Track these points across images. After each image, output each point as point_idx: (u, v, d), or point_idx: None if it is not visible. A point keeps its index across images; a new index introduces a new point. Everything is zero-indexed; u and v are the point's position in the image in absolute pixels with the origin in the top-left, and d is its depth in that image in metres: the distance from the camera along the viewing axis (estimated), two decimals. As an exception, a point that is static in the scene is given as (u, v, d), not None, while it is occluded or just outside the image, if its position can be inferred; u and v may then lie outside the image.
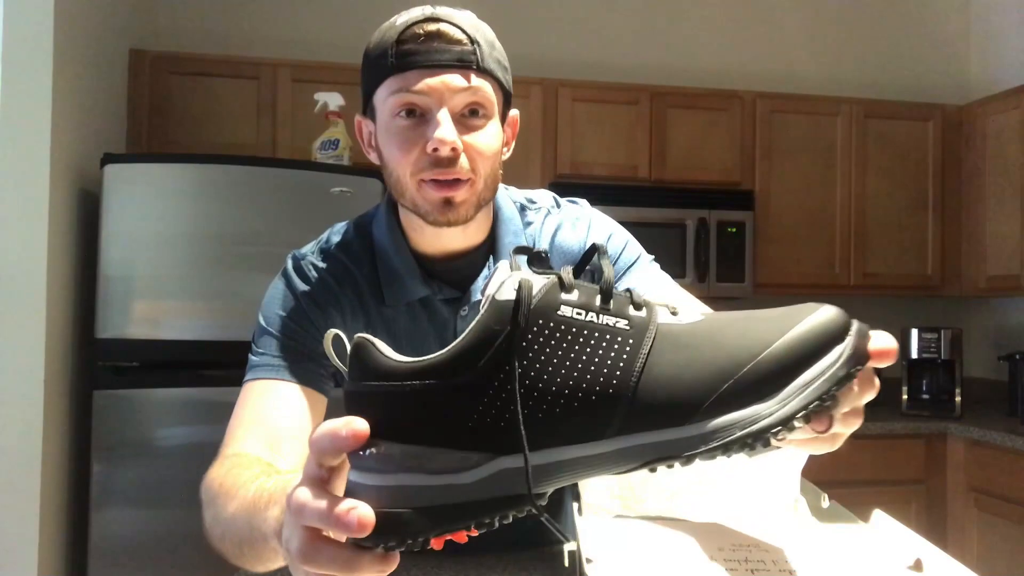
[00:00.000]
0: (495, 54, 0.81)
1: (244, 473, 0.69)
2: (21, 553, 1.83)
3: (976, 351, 3.23)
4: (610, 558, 0.63)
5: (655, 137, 2.81)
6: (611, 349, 0.45)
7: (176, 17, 2.81)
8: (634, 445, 0.45)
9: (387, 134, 0.80)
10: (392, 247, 0.88)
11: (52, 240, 1.89)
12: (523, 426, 0.44)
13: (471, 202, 0.80)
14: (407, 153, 0.78)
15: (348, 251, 0.90)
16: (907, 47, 3.35)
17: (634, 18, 3.16)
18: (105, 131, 2.29)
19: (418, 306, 0.88)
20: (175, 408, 2.01)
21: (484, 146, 0.80)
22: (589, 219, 0.97)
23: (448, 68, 0.76)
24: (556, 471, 0.45)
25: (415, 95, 0.76)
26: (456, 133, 0.76)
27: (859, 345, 0.49)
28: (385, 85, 0.78)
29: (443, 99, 0.76)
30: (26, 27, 1.85)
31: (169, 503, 1.96)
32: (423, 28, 0.76)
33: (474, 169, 0.79)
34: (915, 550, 0.61)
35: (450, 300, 0.88)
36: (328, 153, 2.29)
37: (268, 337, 0.87)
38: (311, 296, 0.87)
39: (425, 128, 0.77)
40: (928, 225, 3.00)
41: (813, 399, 0.46)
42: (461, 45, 0.77)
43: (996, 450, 2.44)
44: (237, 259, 2.05)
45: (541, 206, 0.96)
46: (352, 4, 2.95)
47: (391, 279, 0.87)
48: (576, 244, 0.94)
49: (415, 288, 0.87)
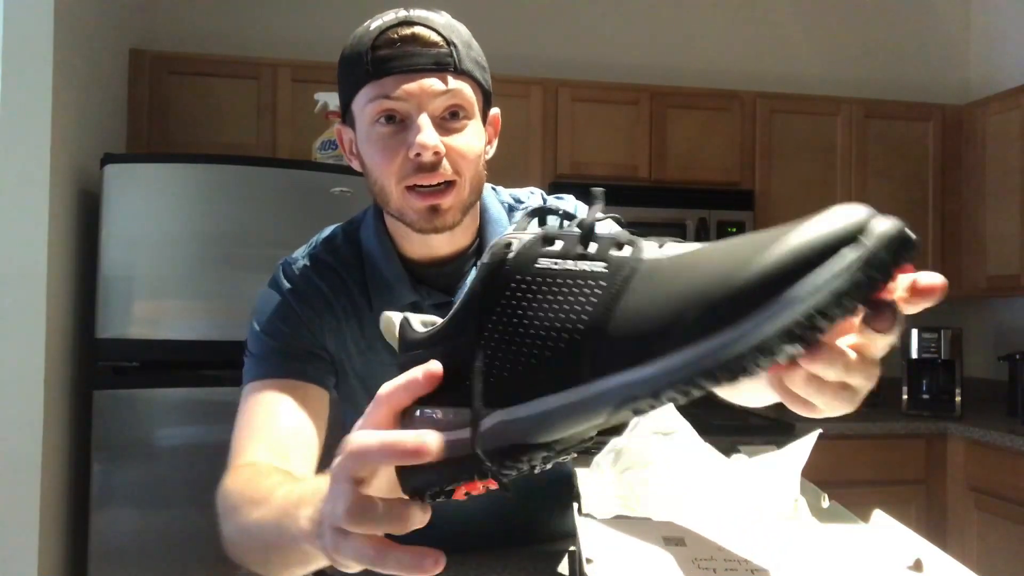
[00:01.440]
0: (472, 54, 0.80)
1: (266, 481, 0.69)
2: (21, 553, 1.83)
3: (976, 351, 3.23)
4: (610, 558, 0.63)
5: (655, 137, 2.81)
6: (582, 292, 0.44)
7: (176, 17, 2.81)
8: (609, 387, 0.43)
9: (368, 142, 0.79)
10: (380, 253, 0.88)
11: (52, 240, 1.89)
12: (481, 381, 0.45)
13: (457, 207, 0.80)
14: (390, 161, 0.77)
15: (338, 257, 0.90)
16: (907, 47, 3.35)
17: (634, 18, 3.16)
18: (105, 131, 2.29)
19: (408, 311, 0.88)
20: (175, 408, 2.01)
21: (466, 147, 0.79)
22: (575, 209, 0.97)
23: (425, 72, 0.76)
24: (545, 423, 0.44)
25: (394, 101, 0.76)
26: (437, 136, 0.76)
27: (878, 251, 0.39)
28: (363, 92, 0.78)
29: (422, 104, 0.76)
30: (26, 27, 1.85)
31: (169, 503, 1.96)
32: (398, 32, 0.76)
33: (457, 171, 0.78)
34: (915, 550, 0.61)
35: (439, 305, 0.87)
36: (328, 153, 2.29)
37: (262, 343, 0.87)
38: (304, 301, 0.88)
39: (406, 134, 0.77)
40: (928, 225, 3.00)
41: (801, 315, 0.37)
42: (437, 48, 0.77)
43: (996, 450, 2.44)
44: (237, 259, 2.05)
45: (530, 205, 0.96)
46: (352, 4, 2.95)
47: (379, 286, 0.88)
48: None
49: (403, 295, 0.87)
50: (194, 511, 1.98)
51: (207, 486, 2.15)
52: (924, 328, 2.83)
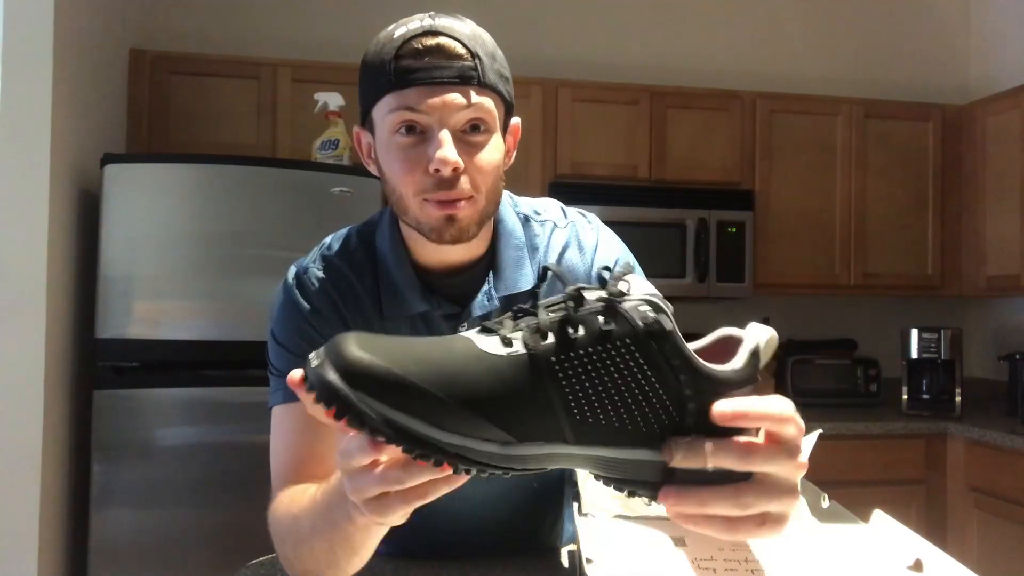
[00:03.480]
0: (496, 66, 0.80)
1: (306, 493, 0.74)
2: (21, 553, 1.83)
3: (976, 351, 3.23)
4: (610, 558, 0.63)
5: (655, 137, 2.81)
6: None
7: (176, 17, 2.81)
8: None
9: (387, 151, 0.79)
10: (393, 259, 0.87)
11: (52, 240, 1.89)
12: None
13: (473, 219, 0.79)
14: (409, 173, 0.77)
15: (351, 261, 0.89)
16: (907, 47, 3.35)
17: (634, 18, 3.16)
18: (105, 131, 2.29)
19: (419, 320, 0.88)
20: (175, 408, 2.01)
21: (486, 163, 0.79)
22: (596, 240, 0.94)
23: (449, 85, 0.75)
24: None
25: (415, 113, 0.75)
26: (457, 152, 0.75)
27: None
28: (385, 101, 0.77)
29: (444, 118, 0.75)
30: (26, 27, 1.85)
31: (169, 503, 1.96)
32: (422, 43, 0.75)
33: (476, 187, 0.78)
34: (915, 550, 0.61)
35: (449, 316, 0.87)
36: (328, 153, 2.29)
37: (280, 356, 0.88)
38: (316, 309, 0.87)
39: (426, 147, 0.76)
40: (928, 225, 3.00)
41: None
42: (462, 60, 0.76)
43: (996, 450, 2.44)
44: (237, 259, 2.05)
45: (547, 219, 0.94)
46: (352, 4, 2.95)
47: (391, 292, 0.87)
48: (583, 267, 0.92)
49: (415, 303, 0.86)
50: (194, 511, 1.98)
51: (207, 486, 2.17)
52: (924, 328, 2.83)
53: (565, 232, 0.93)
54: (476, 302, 0.87)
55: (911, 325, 2.87)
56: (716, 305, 3.09)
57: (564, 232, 0.93)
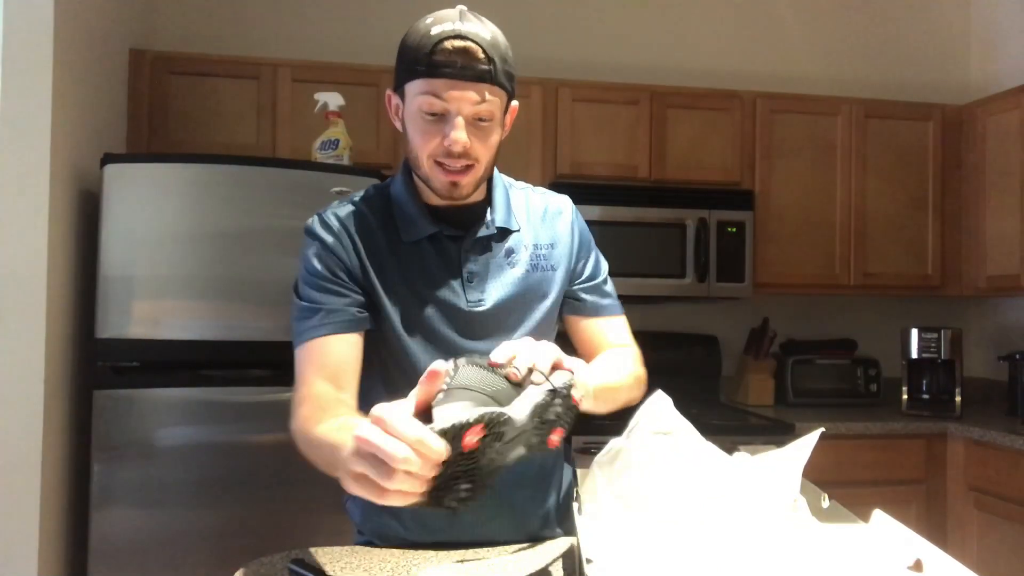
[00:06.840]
0: (507, 67, 1.00)
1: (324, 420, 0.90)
2: (21, 553, 1.83)
3: (976, 351, 3.24)
4: (610, 558, 0.63)
5: (655, 137, 2.81)
6: None
7: (176, 17, 2.81)
8: None
9: (413, 120, 1.01)
10: (406, 197, 1.09)
11: (52, 240, 1.89)
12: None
13: (472, 183, 1.04)
14: (428, 142, 1.00)
15: (369, 203, 1.11)
16: (907, 47, 3.35)
17: (634, 18, 3.16)
18: (105, 131, 2.29)
19: (427, 244, 1.08)
20: (175, 408, 2.01)
21: (487, 142, 1.02)
22: (571, 221, 1.19)
23: (469, 83, 0.96)
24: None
25: (440, 101, 0.97)
26: (466, 134, 0.98)
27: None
28: (417, 83, 0.98)
29: (461, 108, 0.97)
30: (26, 27, 1.85)
31: (169, 503, 1.96)
32: (452, 44, 0.95)
33: (477, 158, 1.01)
34: (915, 550, 0.61)
35: (454, 237, 1.08)
36: (328, 153, 2.29)
37: (308, 288, 1.05)
38: (337, 238, 1.06)
39: (443, 125, 0.98)
40: (928, 225, 3.00)
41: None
42: (481, 64, 0.96)
43: (996, 450, 2.44)
44: (237, 259, 2.04)
45: (525, 185, 1.21)
46: (352, 4, 2.95)
47: (407, 221, 1.08)
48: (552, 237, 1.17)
49: (425, 227, 1.07)
50: (194, 511, 1.98)
51: (207, 486, 2.17)
52: (924, 328, 2.83)
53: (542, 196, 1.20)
54: (478, 229, 1.08)
55: (911, 325, 2.87)
56: (716, 305, 3.09)
57: (541, 195, 1.20)
